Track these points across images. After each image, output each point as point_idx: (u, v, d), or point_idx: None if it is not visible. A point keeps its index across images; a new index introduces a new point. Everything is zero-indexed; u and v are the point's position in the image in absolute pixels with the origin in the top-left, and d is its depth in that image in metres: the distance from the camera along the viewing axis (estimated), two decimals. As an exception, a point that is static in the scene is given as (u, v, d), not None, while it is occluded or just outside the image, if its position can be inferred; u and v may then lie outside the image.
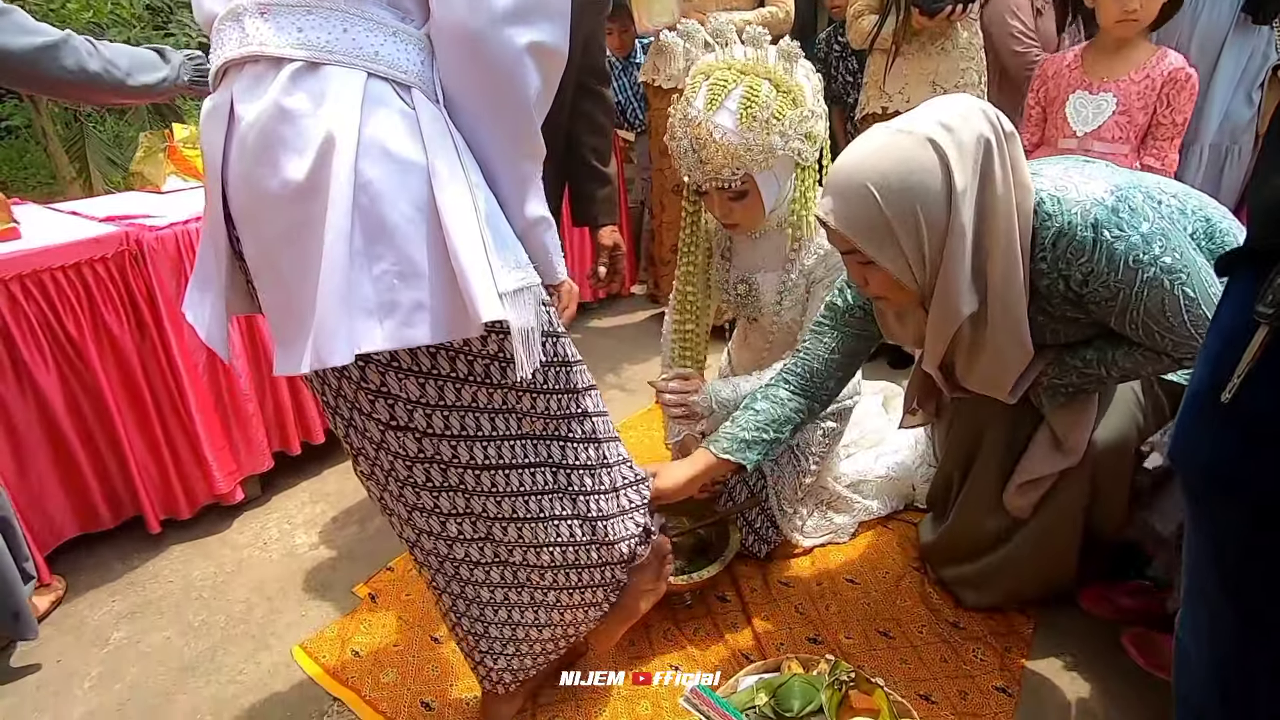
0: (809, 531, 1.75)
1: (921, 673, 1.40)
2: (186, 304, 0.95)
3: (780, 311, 1.59)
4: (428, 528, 1.05)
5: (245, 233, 0.87)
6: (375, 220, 0.79)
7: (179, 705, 1.41)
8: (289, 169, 0.79)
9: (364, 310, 0.79)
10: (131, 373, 1.69)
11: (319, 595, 1.67)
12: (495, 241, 0.84)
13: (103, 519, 1.77)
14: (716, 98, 1.31)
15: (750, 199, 1.39)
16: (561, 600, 1.18)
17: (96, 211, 1.84)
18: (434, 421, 0.95)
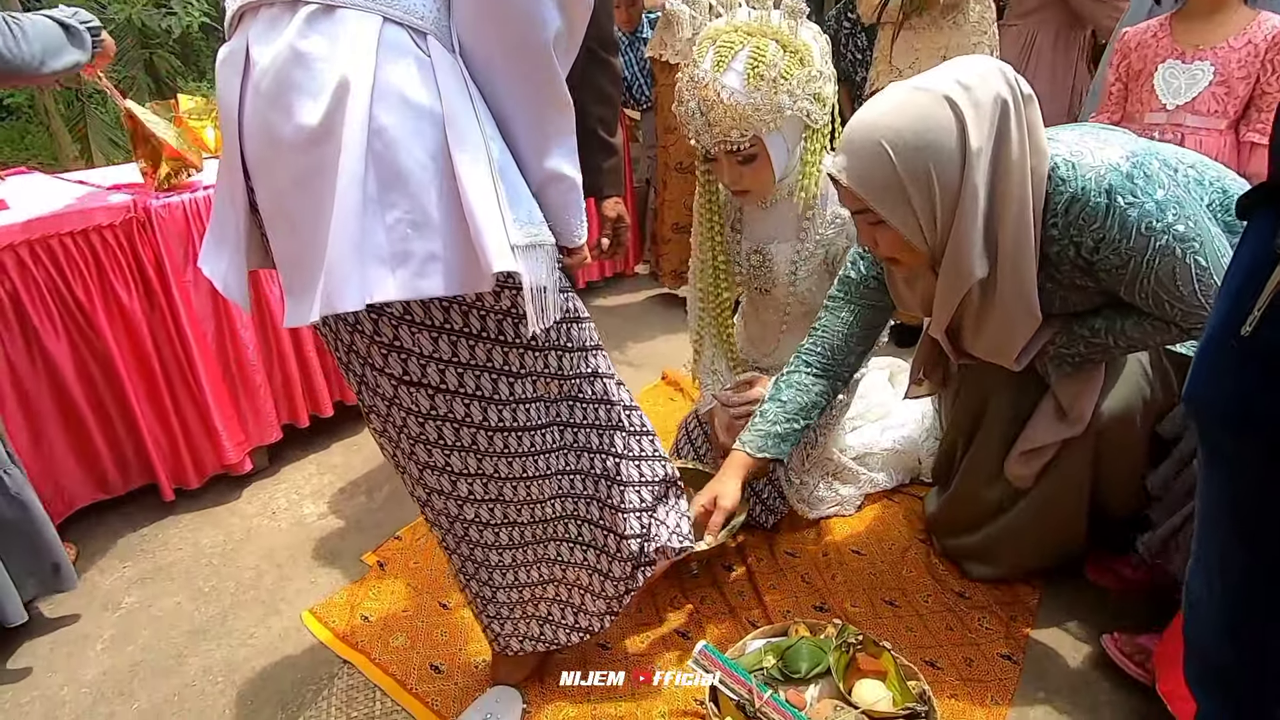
0: (815, 503, 1.76)
1: (927, 640, 1.41)
2: (202, 258, 0.95)
3: (795, 282, 1.58)
4: (438, 486, 1.05)
5: (259, 181, 0.87)
6: (389, 167, 0.79)
7: (191, 666, 1.42)
8: (303, 113, 0.78)
9: (376, 258, 0.79)
10: (141, 342, 1.70)
11: (328, 563, 1.69)
12: (509, 194, 0.84)
13: (113, 485, 1.78)
14: (723, 59, 1.31)
15: (759, 163, 1.39)
16: (562, 556, 1.18)
17: (103, 180, 1.84)
18: (447, 378, 0.95)
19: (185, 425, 1.83)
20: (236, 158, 0.87)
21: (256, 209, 0.91)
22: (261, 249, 0.97)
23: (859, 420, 1.95)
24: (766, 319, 1.74)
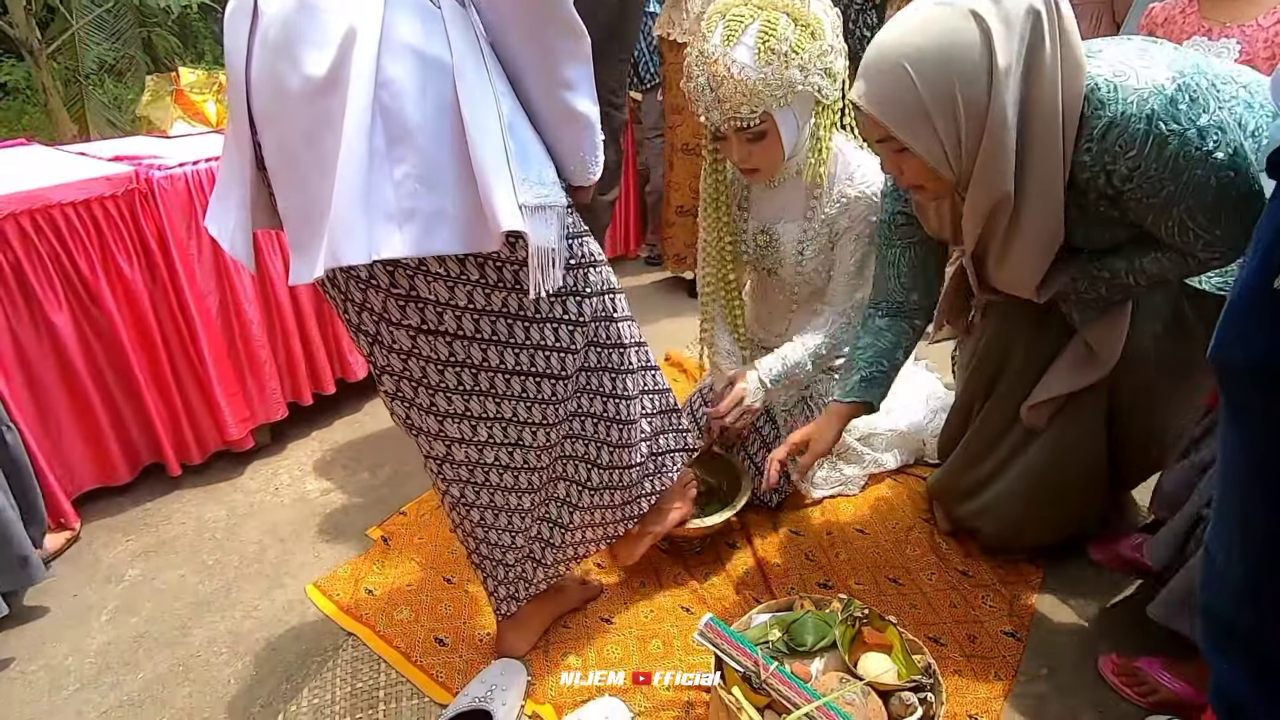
0: (819, 482, 1.75)
1: (931, 617, 1.41)
2: (209, 217, 0.94)
3: (803, 262, 1.57)
4: (459, 434, 1.05)
5: (266, 134, 0.85)
6: (397, 120, 0.77)
7: (195, 638, 1.42)
8: (309, 64, 0.77)
9: (384, 214, 0.78)
10: (143, 315, 1.69)
11: (331, 538, 1.69)
12: (519, 153, 0.83)
13: (119, 471, 1.76)
14: (733, 33, 1.29)
15: (769, 140, 1.37)
16: (570, 497, 1.21)
17: (104, 152, 1.82)
18: (464, 324, 0.95)
19: (187, 400, 1.82)
20: (243, 111, 0.86)
21: (263, 165, 0.90)
22: (269, 207, 0.96)
23: (863, 401, 1.95)
24: (774, 299, 1.73)
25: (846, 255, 1.51)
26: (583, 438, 1.17)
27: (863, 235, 1.48)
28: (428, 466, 1.14)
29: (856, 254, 1.50)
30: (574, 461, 1.19)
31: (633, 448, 1.21)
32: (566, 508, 1.22)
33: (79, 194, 1.54)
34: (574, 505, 1.22)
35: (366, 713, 1.25)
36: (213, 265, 1.78)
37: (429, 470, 1.15)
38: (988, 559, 1.54)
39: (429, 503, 1.78)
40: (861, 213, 1.47)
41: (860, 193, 1.45)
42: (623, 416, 1.16)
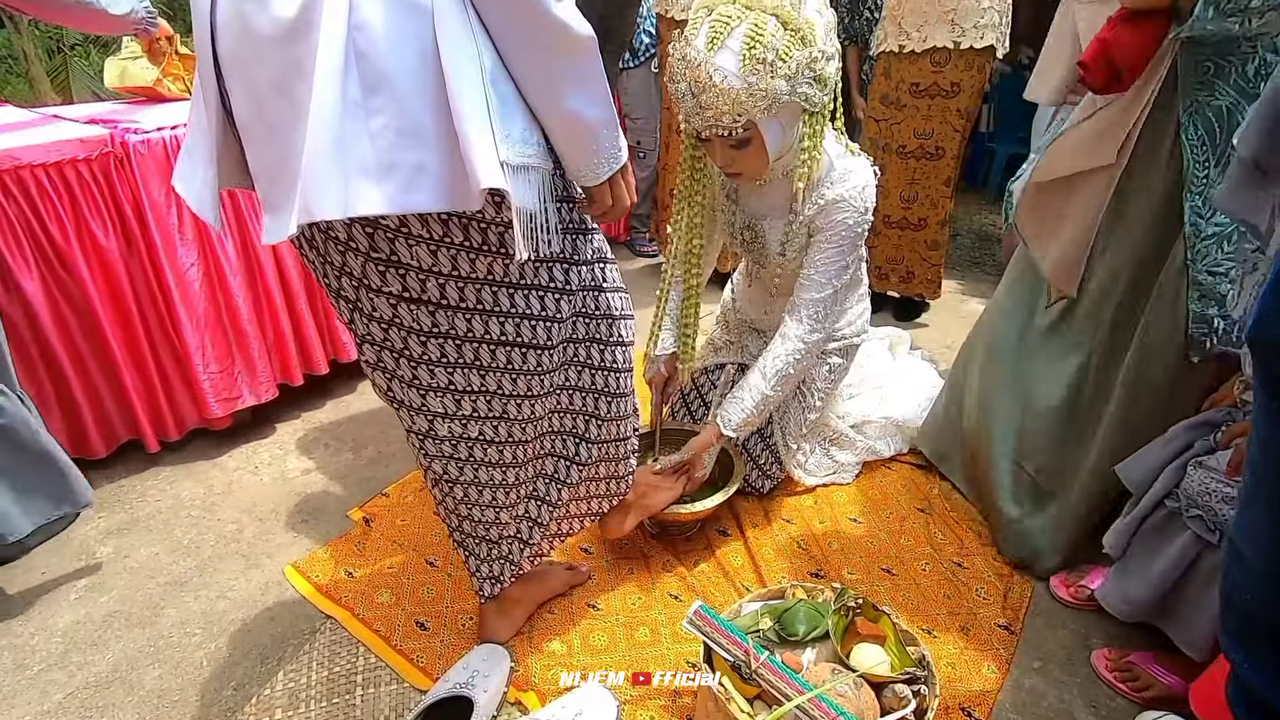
0: (812, 469, 1.72)
1: (924, 608, 1.38)
2: (176, 175, 0.89)
3: (785, 259, 1.51)
4: (442, 409, 1.01)
5: (234, 83, 0.80)
6: (374, 68, 0.72)
7: (167, 617, 1.38)
8: (279, 4, 0.72)
9: (360, 169, 0.73)
10: (118, 284, 1.62)
11: (311, 518, 1.64)
12: (501, 109, 0.78)
13: (94, 446, 1.71)
14: (718, 36, 1.18)
15: (754, 147, 1.29)
16: (572, 477, 1.18)
17: (79, 115, 1.75)
18: (448, 293, 0.91)
19: (165, 376, 1.76)
20: (208, 57, 0.80)
21: (231, 118, 0.85)
22: (239, 163, 0.90)
23: (856, 388, 1.92)
24: (762, 285, 1.69)
25: (816, 253, 1.43)
26: (570, 411, 1.13)
27: (835, 238, 1.40)
28: (410, 441, 1.10)
29: (827, 252, 1.41)
30: (562, 436, 1.16)
31: (623, 420, 1.18)
32: (555, 484, 1.19)
33: (50, 155, 1.47)
34: (562, 481, 1.19)
35: (343, 697, 1.21)
36: (195, 237, 1.71)
37: (412, 445, 1.10)
38: (980, 551, 1.51)
39: (412, 484, 1.73)
40: (835, 215, 1.38)
41: (839, 195, 1.37)
42: (612, 389, 1.13)
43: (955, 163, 2.32)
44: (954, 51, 2.17)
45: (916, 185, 2.37)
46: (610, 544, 1.54)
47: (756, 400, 1.43)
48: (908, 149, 2.33)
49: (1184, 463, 1.11)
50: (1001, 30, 2.18)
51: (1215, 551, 1.07)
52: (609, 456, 1.21)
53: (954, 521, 1.61)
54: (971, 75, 2.20)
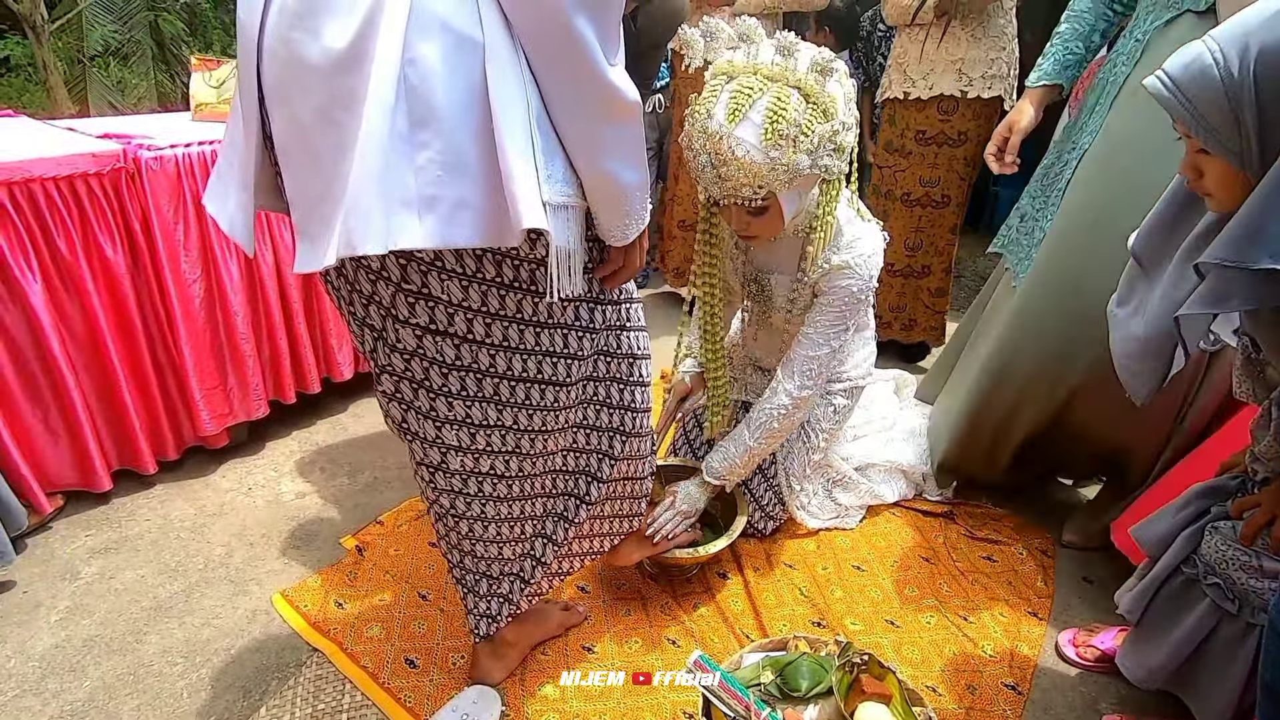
0: (815, 511, 1.69)
1: (929, 663, 1.34)
2: (208, 195, 0.89)
3: (791, 315, 1.50)
4: (457, 442, 1.00)
5: (277, 109, 0.79)
6: (423, 102, 0.72)
7: (149, 645, 1.33)
8: (330, 35, 0.71)
9: (402, 202, 0.72)
10: (123, 300, 1.61)
11: (303, 544, 1.60)
12: (544, 147, 0.77)
13: (99, 476, 1.66)
14: (740, 108, 1.15)
15: (771, 214, 1.27)
16: (580, 516, 1.15)
17: (93, 129, 1.75)
18: (475, 328, 0.90)
19: (165, 393, 1.74)
20: (253, 83, 0.80)
21: (270, 143, 0.84)
22: (273, 188, 0.90)
23: (861, 429, 1.89)
24: (769, 329, 1.68)
25: (817, 314, 1.41)
26: (585, 450, 1.12)
27: (838, 303, 1.38)
28: (418, 474, 1.07)
29: (829, 315, 1.39)
30: (574, 475, 1.14)
31: (638, 460, 1.16)
32: (563, 522, 1.16)
33: (61, 169, 1.46)
34: (570, 520, 1.16)
35: (326, 737, 1.17)
36: (199, 253, 1.70)
37: (419, 478, 1.08)
38: (988, 605, 1.48)
39: (408, 512, 1.70)
40: (840, 281, 1.37)
41: (844, 261, 1.35)
42: (628, 428, 1.11)
43: (960, 211, 2.32)
44: (961, 100, 2.17)
45: (921, 233, 2.36)
46: (608, 583, 1.50)
47: (740, 451, 1.43)
48: (913, 196, 2.33)
49: (1200, 528, 1.09)
50: (1010, 82, 2.19)
51: (1234, 620, 1.04)
52: (619, 495, 1.19)
53: (959, 573, 1.57)
54: (979, 125, 2.20)
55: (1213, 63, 0.79)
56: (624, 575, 1.52)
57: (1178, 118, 0.85)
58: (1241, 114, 0.79)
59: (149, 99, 7.09)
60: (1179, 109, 0.84)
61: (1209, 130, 0.82)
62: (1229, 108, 0.79)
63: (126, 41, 7.03)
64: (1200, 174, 0.88)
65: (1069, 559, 1.62)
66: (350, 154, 0.71)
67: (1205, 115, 0.81)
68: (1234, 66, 0.78)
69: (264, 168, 0.87)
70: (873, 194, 2.43)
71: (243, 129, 0.85)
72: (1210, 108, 0.81)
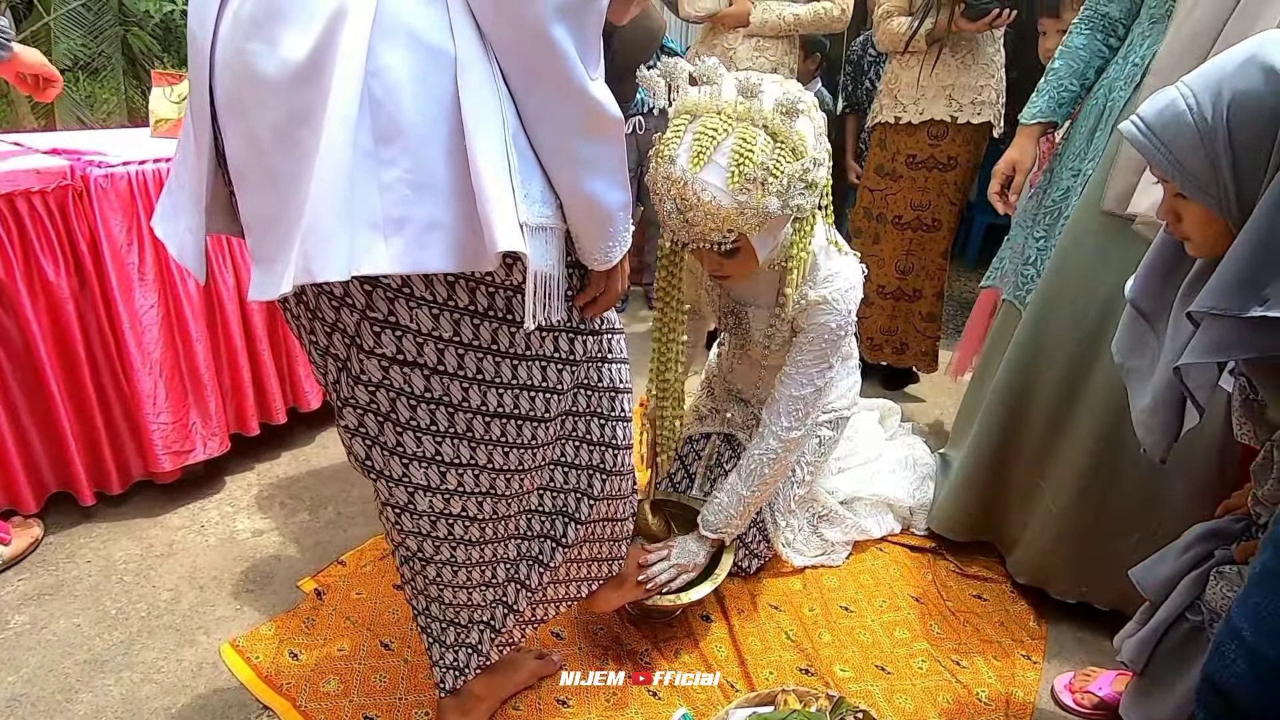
0: (800, 548, 1.63)
1: (923, 715, 1.28)
2: (157, 217, 0.82)
3: (769, 349, 1.45)
4: (425, 481, 0.92)
5: (231, 127, 0.73)
6: (389, 117, 0.66)
7: (81, 705, 1.22)
8: (289, 45, 0.65)
9: (368, 223, 0.66)
10: (65, 324, 1.51)
11: (257, 588, 1.50)
12: (521, 167, 0.71)
13: (24, 497, 1.56)
14: (704, 151, 1.08)
15: (744, 254, 1.21)
16: (556, 559, 1.08)
17: (42, 144, 1.66)
18: (446, 359, 0.83)
19: (111, 423, 1.63)
20: (205, 99, 0.73)
21: (224, 162, 0.77)
22: (227, 209, 0.83)
23: (846, 461, 1.84)
24: (747, 361, 1.62)
25: (798, 353, 1.36)
26: (563, 490, 1.05)
27: (818, 341, 1.33)
28: (384, 515, 0.99)
29: (810, 354, 1.34)
30: (550, 516, 1.06)
31: (618, 500, 1.09)
32: (537, 567, 1.09)
33: (1, 185, 1.37)
34: (545, 564, 1.08)
35: (274, 808, 1.07)
36: (156, 277, 1.61)
37: (384, 519, 1.00)
38: (980, 648, 1.42)
39: (373, 551, 1.60)
40: (818, 318, 1.32)
41: (821, 296, 1.31)
42: (609, 466, 1.05)
43: (951, 235, 2.31)
44: (951, 126, 2.17)
45: (913, 256, 2.34)
46: (584, 629, 1.42)
47: (734, 502, 1.37)
48: (904, 220, 2.31)
49: (1204, 573, 1.04)
50: (998, 110, 2.19)
51: (1243, 672, 0.98)
52: (597, 537, 1.12)
53: (949, 613, 1.51)
54: (968, 150, 2.20)
55: (1186, 109, 0.79)
56: (602, 620, 1.44)
57: (1154, 163, 0.84)
58: (1217, 159, 0.78)
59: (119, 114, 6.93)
60: (1154, 154, 0.83)
61: (1186, 175, 0.82)
62: (1204, 153, 0.79)
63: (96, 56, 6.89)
64: (1179, 218, 0.88)
65: (1061, 597, 1.57)
66: (309, 173, 0.65)
67: (1181, 161, 0.81)
68: (1207, 112, 0.78)
69: (217, 188, 0.81)
70: (864, 217, 2.40)
71: (194, 147, 0.79)
72: (1186, 153, 0.80)
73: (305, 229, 0.64)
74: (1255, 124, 0.76)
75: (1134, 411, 1.03)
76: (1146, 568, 1.12)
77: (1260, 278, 0.75)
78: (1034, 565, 1.52)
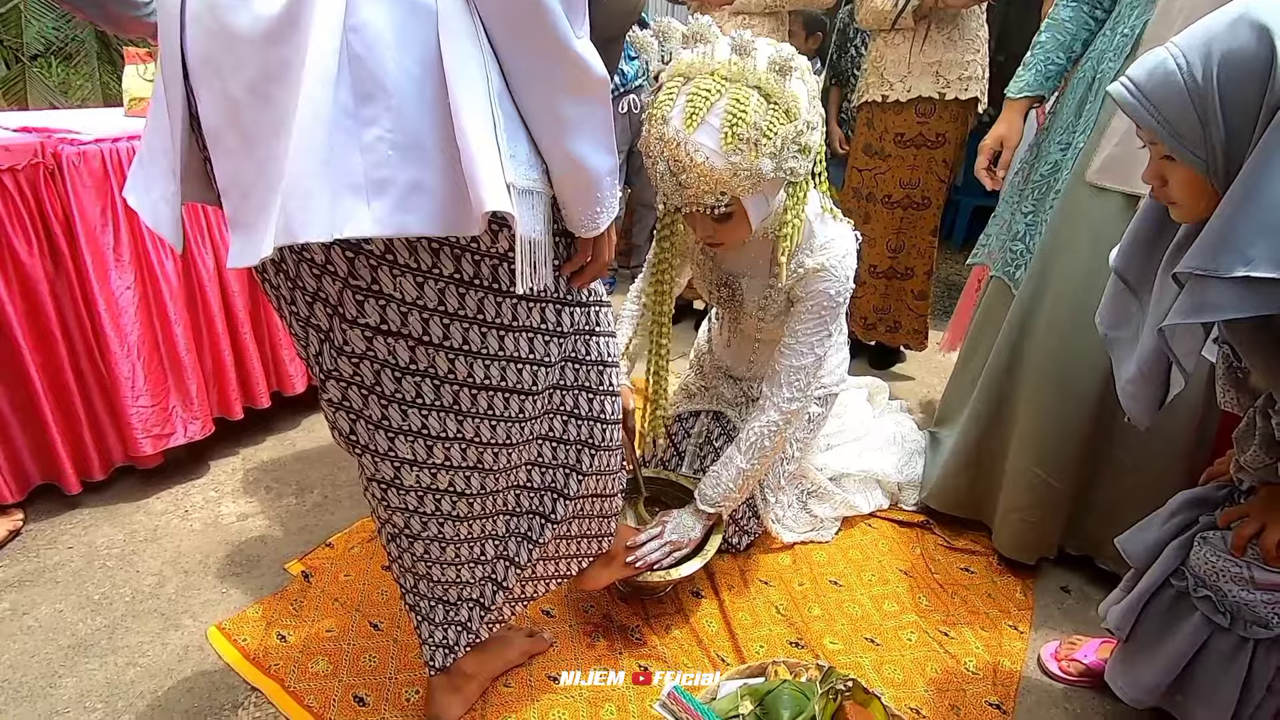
0: (790, 524, 1.63)
1: (911, 683, 1.29)
2: (129, 186, 0.80)
3: (764, 320, 1.44)
4: (411, 455, 0.91)
5: (204, 87, 0.70)
6: (369, 74, 0.64)
7: (65, 689, 1.20)
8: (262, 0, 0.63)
9: (349, 185, 0.64)
10: (40, 306, 1.47)
11: (244, 571, 1.48)
12: (507, 126, 0.70)
13: (3, 489, 1.53)
14: (697, 112, 1.07)
15: (737, 220, 1.20)
16: (545, 535, 1.07)
17: (11, 122, 1.61)
18: (431, 329, 0.82)
19: (91, 408, 1.61)
20: (176, 59, 0.71)
21: (197, 125, 0.75)
22: (202, 177, 0.80)
23: (835, 438, 1.84)
24: (740, 335, 1.62)
25: (797, 323, 1.35)
26: (551, 465, 1.04)
27: (816, 308, 1.32)
28: (369, 491, 0.98)
29: (809, 322, 1.34)
30: (538, 492, 1.05)
31: (607, 476, 1.08)
32: (526, 543, 1.08)
33: (-31, 164, 1.33)
34: (534, 541, 1.08)
35: (263, 788, 1.06)
36: (132, 257, 1.58)
37: (370, 496, 0.99)
38: (968, 619, 1.43)
39: (360, 533, 1.59)
40: (816, 285, 1.31)
41: (818, 264, 1.30)
42: (597, 441, 1.03)
43: (939, 213, 2.31)
44: (939, 103, 2.16)
45: (903, 235, 2.34)
46: (575, 606, 1.42)
47: (733, 475, 1.36)
48: (893, 199, 2.31)
49: (1189, 539, 1.05)
50: (984, 85, 2.19)
51: (1227, 634, 1.00)
52: (586, 514, 1.11)
53: (938, 586, 1.52)
54: (956, 127, 2.19)
55: (1176, 68, 0.79)
56: (592, 597, 1.44)
57: (1143, 125, 0.84)
58: (1206, 119, 0.78)
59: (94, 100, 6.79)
60: (1144, 115, 0.83)
61: (1175, 137, 0.81)
62: (1195, 114, 0.79)
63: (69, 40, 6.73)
64: (1164, 181, 0.88)
65: (1047, 568, 1.58)
66: (287, 133, 0.63)
67: (1171, 121, 0.81)
68: (1197, 72, 0.77)
69: (191, 153, 0.78)
70: (853, 197, 2.40)
71: (166, 111, 0.76)
72: (1175, 114, 0.80)
73: (285, 190, 0.63)
74: (1244, 83, 0.75)
75: (1119, 381, 1.03)
76: (1132, 535, 1.13)
77: (1245, 238, 0.75)
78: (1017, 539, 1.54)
